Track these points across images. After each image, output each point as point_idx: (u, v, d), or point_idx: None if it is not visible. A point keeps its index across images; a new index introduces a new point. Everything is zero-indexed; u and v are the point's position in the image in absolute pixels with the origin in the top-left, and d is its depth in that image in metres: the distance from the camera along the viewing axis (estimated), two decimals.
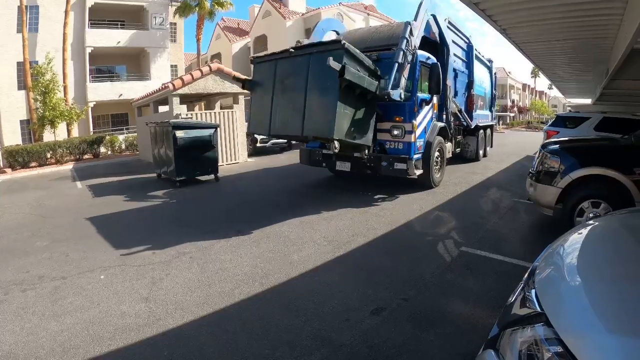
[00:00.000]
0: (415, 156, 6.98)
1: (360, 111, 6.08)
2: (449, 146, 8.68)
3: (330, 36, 8.56)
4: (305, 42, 7.33)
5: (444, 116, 8.37)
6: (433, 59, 7.71)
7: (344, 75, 5.23)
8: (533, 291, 1.58)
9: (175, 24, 27.36)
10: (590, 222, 2.36)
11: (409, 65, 6.50)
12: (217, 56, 37.00)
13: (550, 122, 12.54)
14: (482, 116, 12.25)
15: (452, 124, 8.90)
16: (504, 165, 11.39)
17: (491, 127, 14.16)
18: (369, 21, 35.19)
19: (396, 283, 3.58)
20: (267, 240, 4.95)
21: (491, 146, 14.18)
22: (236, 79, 7.02)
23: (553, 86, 25.28)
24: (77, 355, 2.64)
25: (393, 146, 6.86)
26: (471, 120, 10.54)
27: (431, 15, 7.40)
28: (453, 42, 9.26)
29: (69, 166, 15.13)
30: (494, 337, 1.54)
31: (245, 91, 13.57)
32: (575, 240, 1.97)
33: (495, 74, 14.25)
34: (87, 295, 3.56)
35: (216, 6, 23.79)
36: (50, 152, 15.51)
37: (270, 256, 4.37)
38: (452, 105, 8.75)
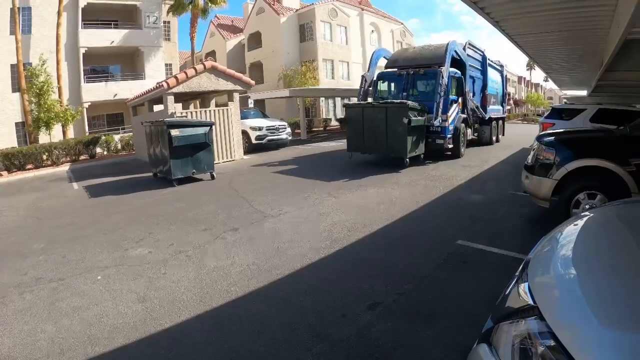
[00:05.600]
0: (448, 136, 10.54)
1: (417, 134, 9.80)
2: (469, 131, 12.51)
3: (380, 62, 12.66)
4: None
5: (466, 111, 11.88)
6: (459, 73, 11.38)
7: (410, 124, 9.10)
8: (526, 284, 1.56)
9: (168, 22, 27.20)
10: (585, 213, 2.34)
11: (442, 98, 9.97)
12: (211, 54, 36.86)
13: (545, 114, 12.64)
14: (494, 110, 15.56)
15: (471, 116, 12.31)
16: (502, 157, 11.64)
17: (502, 119, 17.67)
18: (363, 16, 35.08)
19: (392, 277, 3.58)
20: (263, 237, 4.94)
21: (502, 134, 17.28)
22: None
23: (548, 78, 25.27)
24: (75, 356, 2.64)
25: (434, 129, 10.25)
26: (485, 114, 13.95)
27: (454, 51, 10.93)
28: (471, 57, 12.88)
29: (65, 167, 15.06)
30: (488, 331, 1.52)
31: (240, 88, 13.73)
32: (569, 232, 1.95)
33: (505, 75, 17.79)
34: (84, 296, 3.55)
35: (209, 3, 23.60)
36: (46, 153, 15.41)
37: (266, 253, 4.37)
38: (471, 103, 12.29)
